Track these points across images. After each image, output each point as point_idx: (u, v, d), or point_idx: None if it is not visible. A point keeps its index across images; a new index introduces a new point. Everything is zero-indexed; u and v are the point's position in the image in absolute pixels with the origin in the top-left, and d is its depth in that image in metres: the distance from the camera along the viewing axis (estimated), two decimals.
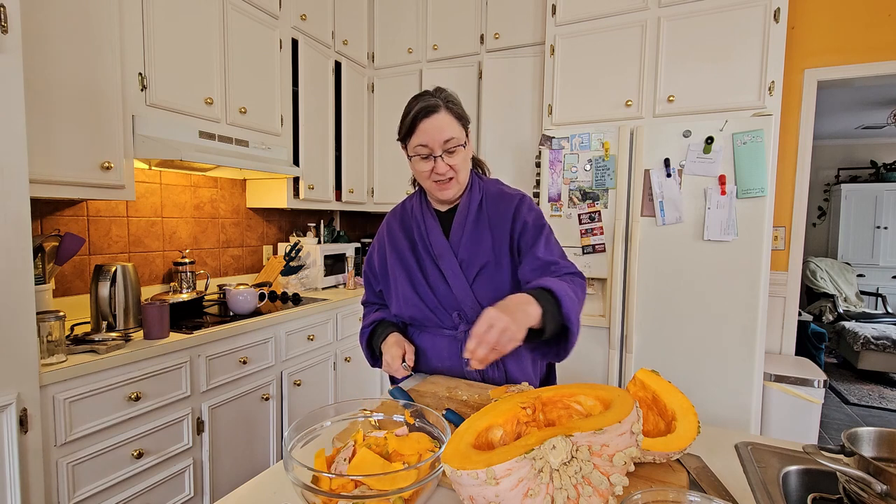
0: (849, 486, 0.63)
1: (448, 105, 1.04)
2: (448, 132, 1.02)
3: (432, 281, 1.12)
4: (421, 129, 1.03)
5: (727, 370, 1.93)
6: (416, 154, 1.05)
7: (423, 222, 1.14)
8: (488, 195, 1.14)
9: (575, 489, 0.54)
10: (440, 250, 1.11)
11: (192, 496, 1.67)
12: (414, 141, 1.04)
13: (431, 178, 1.06)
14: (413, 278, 1.13)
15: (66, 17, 1.46)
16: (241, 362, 1.85)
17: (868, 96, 4.02)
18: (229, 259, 2.55)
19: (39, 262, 1.51)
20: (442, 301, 1.11)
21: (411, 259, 1.14)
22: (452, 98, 1.07)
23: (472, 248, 1.09)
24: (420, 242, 1.14)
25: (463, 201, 1.12)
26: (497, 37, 2.71)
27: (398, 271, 1.15)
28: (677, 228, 1.99)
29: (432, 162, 1.04)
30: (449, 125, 1.03)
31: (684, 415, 0.76)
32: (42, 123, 1.40)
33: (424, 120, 1.02)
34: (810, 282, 4.86)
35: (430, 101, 1.03)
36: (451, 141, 1.03)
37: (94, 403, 1.38)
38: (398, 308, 1.16)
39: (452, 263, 1.09)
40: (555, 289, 0.91)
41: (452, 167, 1.05)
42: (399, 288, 1.15)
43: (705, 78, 2.17)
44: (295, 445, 0.68)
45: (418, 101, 1.04)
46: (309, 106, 2.58)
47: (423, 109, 1.02)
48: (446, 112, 1.03)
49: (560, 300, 0.90)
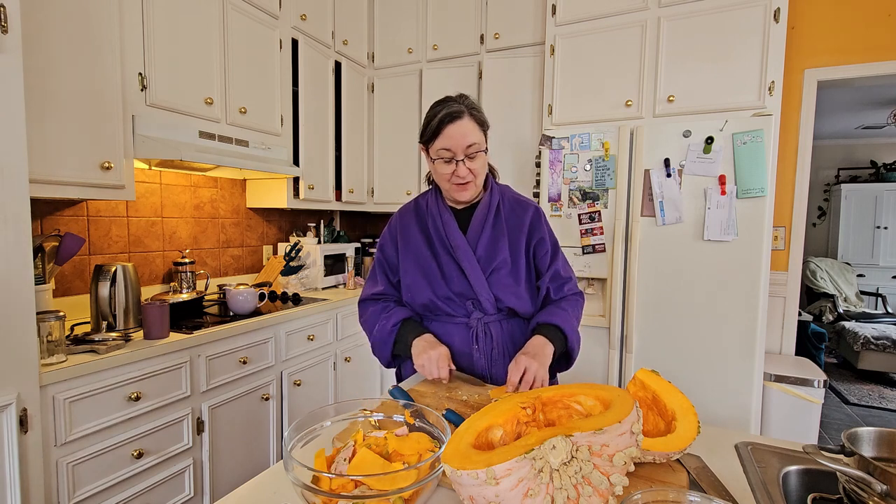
0: (849, 486, 0.63)
1: (472, 111, 1.10)
2: (471, 138, 1.08)
3: (447, 272, 1.17)
4: (445, 134, 1.07)
5: (727, 370, 1.93)
6: (438, 157, 1.10)
7: (440, 217, 1.20)
8: (505, 199, 1.22)
9: (575, 489, 0.54)
10: (458, 243, 1.16)
11: (192, 496, 1.67)
12: (438, 144, 1.09)
13: (452, 180, 1.12)
14: (428, 270, 1.18)
15: (66, 17, 1.46)
16: (241, 362, 1.85)
17: (868, 96, 4.02)
18: (229, 259, 2.55)
19: (39, 262, 1.51)
20: (455, 291, 1.16)
21: (426, 251, 1.19)
22: (475, 105, 1.13)
23: (490, 247, 1.17)
24: (436, 236, 1.19)
25: (484, 200, 1.19)
26: (497, 37, 2.71)
27: (412, 263, 1.20)
28: (677, 228, 1.99)
29: (454, 165, 1.09)
30: (472, 131, 1.08)
31: (684, 415, 0.76)
32: (42, 123, 1.40)
33: (449, 125, 1.07)
34: (810, 282, 4.86)
35: (455, 108, 1.08)
36: (473, 146, 1.08)
37: (94, 403, 1.38)
38: (411, 298, 1.21)
39: (470, 256, 1.15)
40: (564, 328, 1.11)
41: (472, 171, 1.10)
42: (414, 279, 1.20)
43: (705, 78, 2.17)
44: (295, 445, 0.68)
45: (444, 107, 1.09)
46: (309, 106, 2.58)
47: (449, 115, 1.07)
48: (470, 118, 1.09)
49: (567, 337, 1.12)
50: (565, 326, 1.11)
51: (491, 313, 1.17)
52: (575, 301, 1.20)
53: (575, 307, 1.19)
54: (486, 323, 1.17)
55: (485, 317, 1.17)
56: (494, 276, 1.15)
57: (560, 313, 1.13)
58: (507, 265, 1.15)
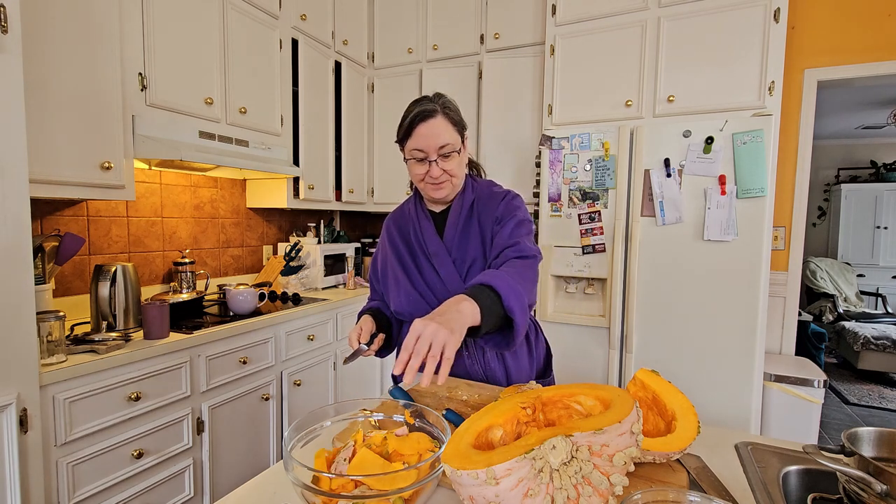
0: (849, 486, 0.63)
1: (445, 111, 1.07)
2: (444, 138, 1.05)
3: (428, 278, 1.15)
4: (417, 133, 1.05)
5: (727, 370, 1.93)
6: (412, 157, 1.08)
7: (419, 223, 1.18)
8: (480, 196, 1.17)
9: (575, 489, 0.54)
10: (434, 248, 1.14)
11: (192, 496, 1.67)
12: (410, 144, 1.07)
13: (426, 180, 1.09)
14: (411, 277, 1.16)
15: (66, 16, 1.46)
16: (241, 362, 1.85)
17: (868, 96, 4.02)
18: (229, 259, 2.54)
19: (39, 262, 1.50)
20: (438, 297, 1.14)
21: (408, 259, 1.18)
22: (450, 104, 1.09)
23: (461, 248, 1.13)
24: (416, 242, 1.18)
25: (455, 202, 1.16)
26: (497, 37, 2.70)
27: (396, 271, 1.18)
28: (677, 228, 1.99)
29: (427, 165, 1.07)
30: (445, 130, 1.05)
31: (684, 415, 0.76)
32: (42, 123, 1.40)
33: (421, 124, 1.05)
34: (810, 282, 4.86)
35: (427, 107, 1.06)
36: (446, 147, 1.06)
37: (94, 403, 1.38)
38: (397, 305, 1.19)
39: (446, 261, 1.13)
40: (495, 284, 0.87)
41: (447, 171, 1.08)
42: (396, 287, 1.18)
43: (705, 78, 2.17)
44: (295, 445, 0.68)
45: (416, 106, 1.07)
46: (309, 106, 2.58)
47: (420, 114, 1.05)
48: (443, 118, 1.06)
49: (500, 294, 0.86)
50: (495, 282, 0.87)
51: None
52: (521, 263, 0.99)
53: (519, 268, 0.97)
54: None
55: None
56: (470, 276, 1.11)
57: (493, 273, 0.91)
58: (478, 261, 1.11)
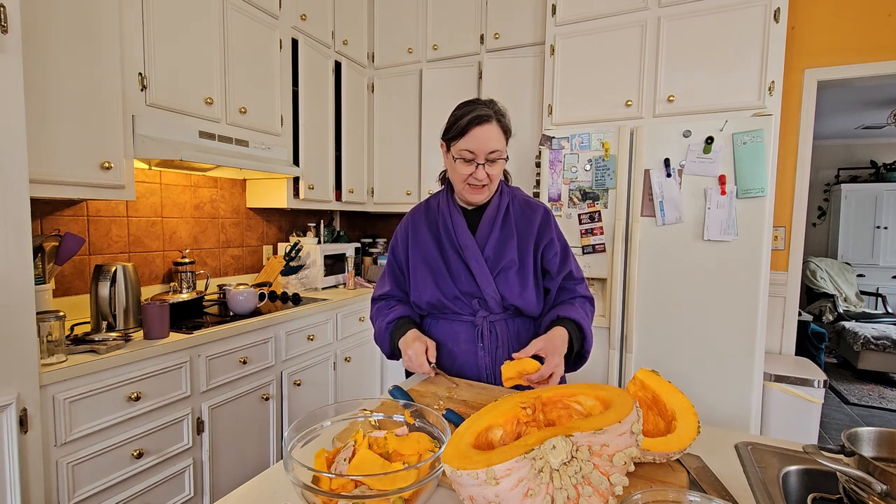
0: (849, 486, 0.63)
1: (499, 118, 1.12)
2: (495, 143, 1.10)
3: (454, 271, 1.19)
4: (471, 135, 1.09)
5: (727, 370, 1.93)
6: (460, 156, 1.12)
7: (450, 218, 1.22)
8: (515, 201, 1.24)
9: (575, 489, 0.54)
10: (466, 242, 1.18)
11: (192, 496, 1.67)
12: (461, 144, 1.11)
13: (469, 181, 1.13)
14: (435, 269, 1.20)
15: (66, 17, 1.46)
16: (241, 362, 1.85)
17: (868, 96, 4.02)
18: (229, 259, 2.54)
19: (39, 262, 1.50)
20: (462, 290, 1.18)
21: (435, 251, 1.22)
22: (503, 112, 1.14)
23: (498, 248, 1.18)
24: (445, 236, 1.22)
25: (493, 202, 1.21)
26: (497, 37, 2.70)
27: (421, 262, 1.23)
28: (677, 228, 1.99)
29: (473, 167, 1.11)
30: (497, 137, 1.10)
31: (684, 415, 0.76)
32: (42, 123, 1.40)
33: (477, 127, 1.08)
34: (810, 282, 4.86)
35: (484, 111, 1.10)
36: (495, 153, 1.10)
37: (94, 403, 1.38)
38: (418, 296, 1.23)
39: (478, 256, 1.17)
40: (583, 325, 1.12)
41: (490, 175, 1.12)
42: (421, 278, 1.22)
43: (705, 78, 2.17)
44: (295, 445, 0.68)
45: (474, 109, 1.10)
46: (309, 106, 2.58)
47: (478, 118, 1.09)
48: (497, 124, 1.11)
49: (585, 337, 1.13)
50: (584, 324, 1.12)
51: (496, 312, 1.18)
52: (590, 303, 1.22)
53: (590, 310, 1.20)
54: (491, 321, 1.18)
55: (490, 315, 1.18)
56: (502, 276, 1.17)
57: (579, 310, 1.14)
58: (514, 265, 1.17)
